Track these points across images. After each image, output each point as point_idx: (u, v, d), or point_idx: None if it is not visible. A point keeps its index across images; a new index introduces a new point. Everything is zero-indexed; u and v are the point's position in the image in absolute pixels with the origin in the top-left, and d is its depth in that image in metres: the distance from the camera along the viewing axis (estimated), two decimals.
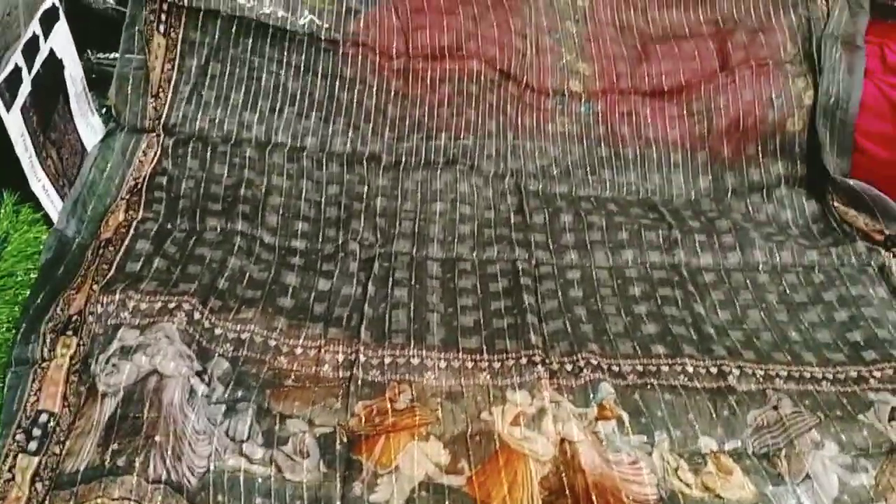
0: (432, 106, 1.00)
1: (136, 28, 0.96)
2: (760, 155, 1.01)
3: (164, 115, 0.95)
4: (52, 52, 0.90)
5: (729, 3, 1.07)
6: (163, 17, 0.95)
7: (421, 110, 1.00)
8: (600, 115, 1.04)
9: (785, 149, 1.01)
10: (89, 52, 1.01)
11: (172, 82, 0.96)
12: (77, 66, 0.96)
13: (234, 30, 0.97)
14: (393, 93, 0.99)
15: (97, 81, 1.01)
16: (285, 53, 0.98)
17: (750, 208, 0.98)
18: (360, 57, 0.99)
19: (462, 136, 1.00)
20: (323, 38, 0.98)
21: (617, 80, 1.05)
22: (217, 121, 0.96)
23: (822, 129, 0.99)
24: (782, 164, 1.01)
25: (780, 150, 1.01)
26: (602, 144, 1.03)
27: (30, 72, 0.84)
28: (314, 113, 0.98)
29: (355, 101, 0.99)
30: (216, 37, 0.97)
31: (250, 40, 0.98)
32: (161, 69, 0.96)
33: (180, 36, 0.96)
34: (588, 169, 1.01)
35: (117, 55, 0.98)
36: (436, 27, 1.03)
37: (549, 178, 1.00)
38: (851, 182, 0.97)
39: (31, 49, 0.85)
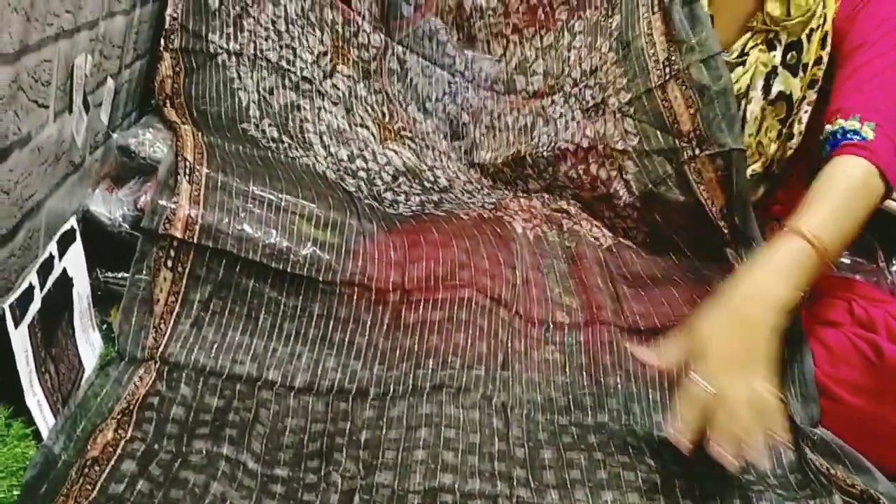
0: (423, 334, 1.05)
1: (145, 263, 1.01)
2: None
3: (162, 346, 0.99)
4: (64, 271, 0.95)
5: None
6: (171, 252, 1.01)
7: (412, 339, 1.05)
8: (583, 344, 1.09)
9: None
10: (98, 270, 1.06)
11: (174, 314, 1.01)
12: (85, 285, 1.01)
13: (237, 269, 1.03)
14: (385, 326, 1.04)
15: (101, 298, 1.06)
16: (283, 295, 1.05)
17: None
18: (355, 297, 1.05)
19: (450, 361, 1.03)
20: (322, 276, 1.05)
21: (598, 311, 1.12)
22: (213, 355, 1.00)
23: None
24: None
25: None
26: (584, 373, 1.07)
27: (42, 290, 0.89)
28: (306, 353, 1.03)
29: (347, 340, 1.04)
30: (220, 275, 1.03)
31: (252, 281, 1.04)
32: (165, 301, 1.01)
33: (187, 271, 1.02)
34: (571, 398, 1.04)
35: (126, 275, 1.03)
36: (431, 259, 1.09)
37: (533, 404, 1.02)
38: (819, 431, 0.99)
39: (45, 268, 0.90)
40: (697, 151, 1.21)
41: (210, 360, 0.99)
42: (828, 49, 1.16)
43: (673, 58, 1.22)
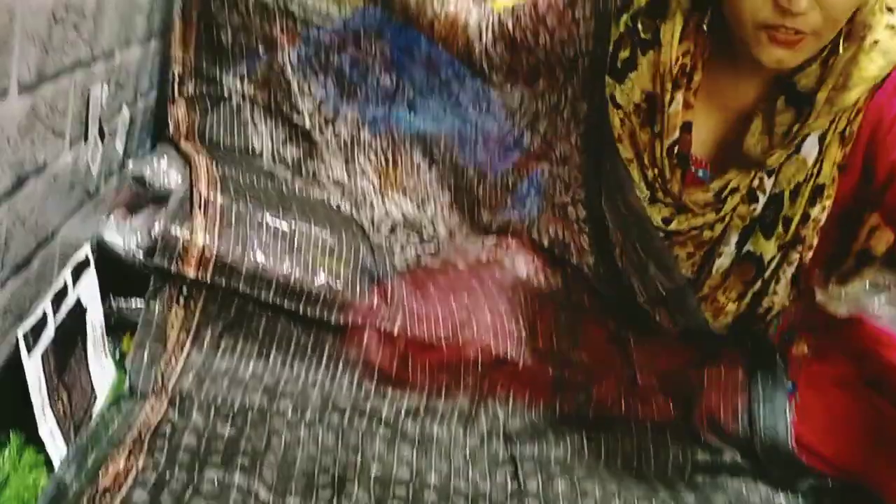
0: (430, 392, 1.05)
1: (158, 299, 1.02)
2: None
3: (174, 378, 0.99)
4: (78, 300, 0.95)
5: None
6: (184, 290, 1.02)
7: (422, 378, 1.05)
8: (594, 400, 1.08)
9: None
10: (112, 297, 1.06)
11: (186, 350, 1.01)
12: (99, 313, 1.01)
13: (249, 308, 1.03)
14: (392, 381, 1.04)
15: (114, 326, 1.06)
16: (294, 334, 1.05)
17: (744, 486, 0.98)
18: (364, 338, 1.04)
19: (461, 396, 1.03)
20: (335, 311, 1.04)
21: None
22: (225, 386, 1.00)
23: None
24: None
25: None
26: (594, 410, 1.06)
27: (55, 318, 0.89)
28: (317, 386, 1.04)
29: (355, 383, 1.03)
30: (232, 312, 1.03)
31: (263, 321, 1.04)
32: (177, 338, 1.01)
33: (199, 308, 1.02)
34: (584, 433, 1.03)
35: (138, 303, 1.04)
36: (431, 318, 1.09)
37: (544, 440, 1.01)
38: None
39: (59, 297, 0.91)
40: None
41: (222, 391, 0.99)
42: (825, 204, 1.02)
43: None
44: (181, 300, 1.02)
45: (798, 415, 1.02)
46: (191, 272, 1.00)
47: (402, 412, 1.02)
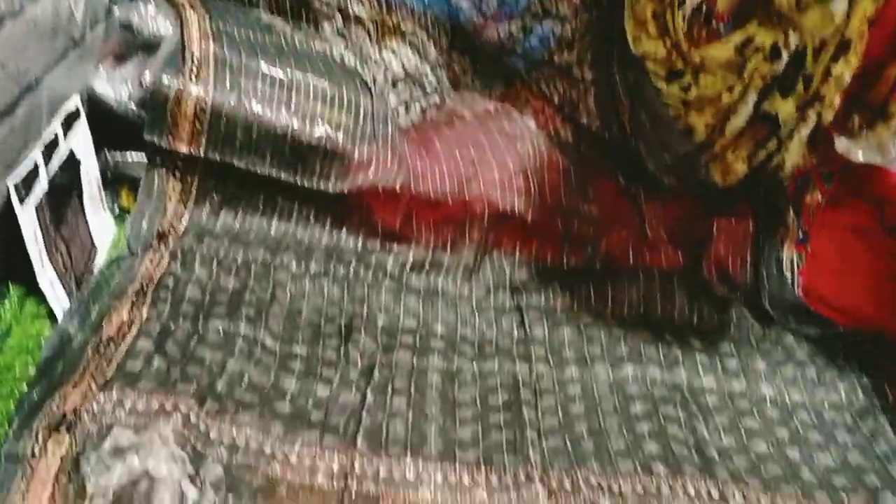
0: (436, 246, 1.03)
1: (155, 173, 0.98)
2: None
3: (176, 235, 0.96)
4: (71, 152, 0.93)
5: None
6: (179, 164, 0.98)
7: (426, 234, 1.02)
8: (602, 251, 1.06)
9: None
10: (107, 151, 1.03)
11: (186, 215, 0.99)
12: (94, 166, 0.98)
13: (248, 184, 1.00)
14: (396, 235, 1.02)
15: (111, 180, 1.03)
16: (295, 202, 1.02)
17: (750, 333, 0.98)
18: (367, 196, 1.01)
19: (466, 248, 1.02)
20: (335, 164, 1.00)
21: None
22: (228, 240, 0.98)
23: None
24: None
25: None
26: (602, 261, 1.04)
27: (47, 170, 0.86)
28: (324, 237, 1.01)
29: (360, 240, 1.01)
30: (229, 188, 1.00)
31: (262, 194, 1.01)
32: (175, 210, 0.98)
33: (196, 183, 0.99)
34: (590, 283, 1.02)
35: (133, 155, 1.01)
36: (437, 175, 1.05)
37: (550, 290, 1.00)
38: None
39: (50, 148, 0.88)
40: None
41: (224, 246, 0.98)
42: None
43: None
44: (177, 173, 0.99)
45: (809, 263, 1.00)
46: (183, 147, 0.96)
47: (408, 266, 1.01)
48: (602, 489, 0.74)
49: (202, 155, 0.97)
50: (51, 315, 0.83)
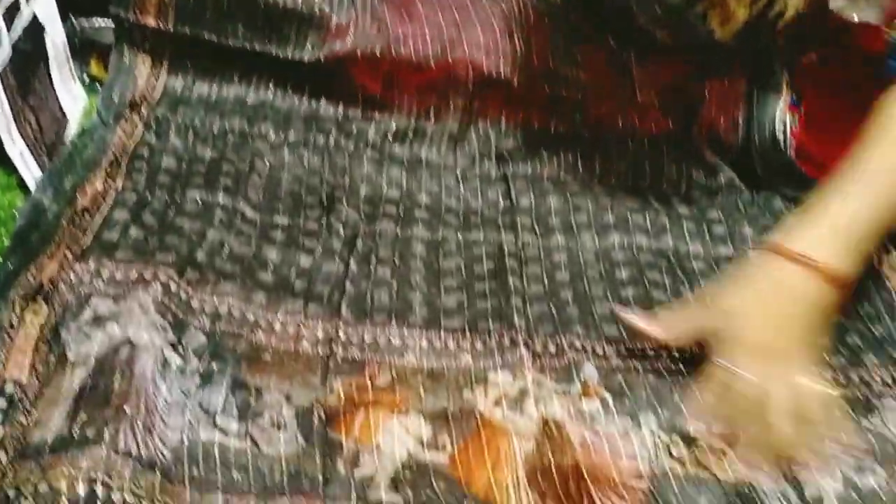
0: (419, 114, 0.99)
1: (125, 45, 0.94)
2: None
3: (150, 104, 0.93)
4: (34, 17, 0.88)
5: None
6: (149, 36, 0.94)
7: (409, 100, 0.99)
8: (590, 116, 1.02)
9: None
10: (73, 17, 0.99)
11: (158, 90, 0.95)
12: (60, 33, 0.94)
13: (222, 55, 0.95)
14: (377, 103, 0.98)
15: (80, 48, 0.99)
16: (272, 73, 0.97)
17: (739, 201, 0.96)
18: (343, 69, 0.97)
19: (450, 116, 0.98)
20: (311, 28, 0.95)
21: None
22: (203, 109, 0.95)
23: None
24: None
25: None
26: (590, 128, 1.01)
27: (10, 35, 0.82)
28: (303, 106, 0.97)
29: (340, 114, 0.97)
30: (203, 59, 0.96)
31: (238, 65, 0.96)
32: (147, 81, 0.95)
33: (167, 55, 0.95)
34: (578, 151, 1.00)
35: (101, 21, 0.96)
36: (418, 38, 1.00)
37: (537, 159, 0.98)
38: None
39: (11, 12, 0.83)
40: None
41: (199, 115, 0.95)
42: None
43: None
44: (146, 46, 0.95)
45: (802, 124, 0.98)
46: (150, 21, 0.92)
47: (390, 135, 0.98)
48: (586, 352, 0.74)
49: (171, 29, 0.93)
50: (22, 186, 0.81)
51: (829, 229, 0.72)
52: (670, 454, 0.66)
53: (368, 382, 0.69)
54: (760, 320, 0.70)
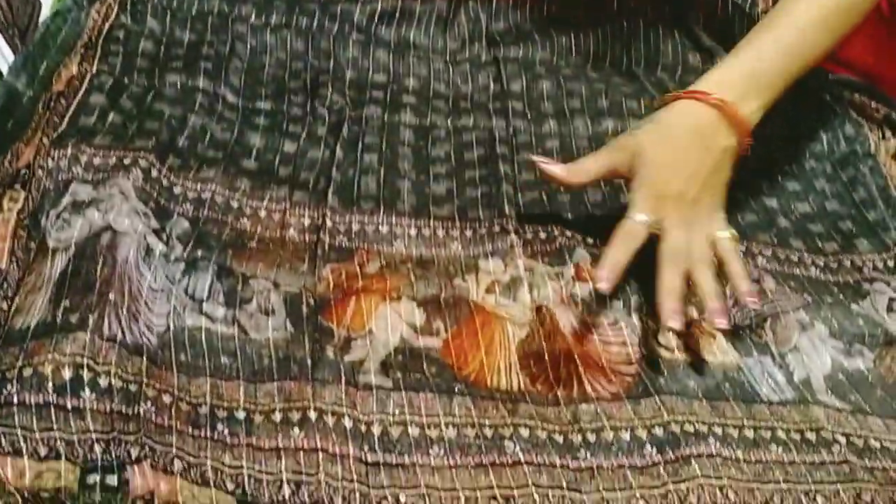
0: None
1: None
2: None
3: None
4: None
5: None
6: None
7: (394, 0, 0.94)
8: None
9: None
10: None
11: None
12: None
13: None
14: None
15: None
16: None
17: None
18: None
19: (437, 3, 0.94)
20: None
21: None
22: (178, 3, 0.90)
23: None
24: None
25: None
26: (584, 9, 0.98)
27: None
28: (275, 5, 0.92)
29: None
30: None
31: None
32: None
33: None
34: (571, 34, 0.96)
35: None
36: None
37: (529, 42, 0.95)
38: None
39: None
40: None
41: (175, 3, 0.90)
42: None
43: None
44: None
45: None
46: None
47: (376, 16, 0.94)
48: (577, 239, 0.73)
49: None
50: None
51: (739, 74, 0.72)
52: (658, 341, 0.66)
53: (358, 270, 0.68)
54: (672, 166, 0.68)
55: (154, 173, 0.70)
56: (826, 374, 0.66)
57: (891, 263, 0.76)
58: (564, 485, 0.54)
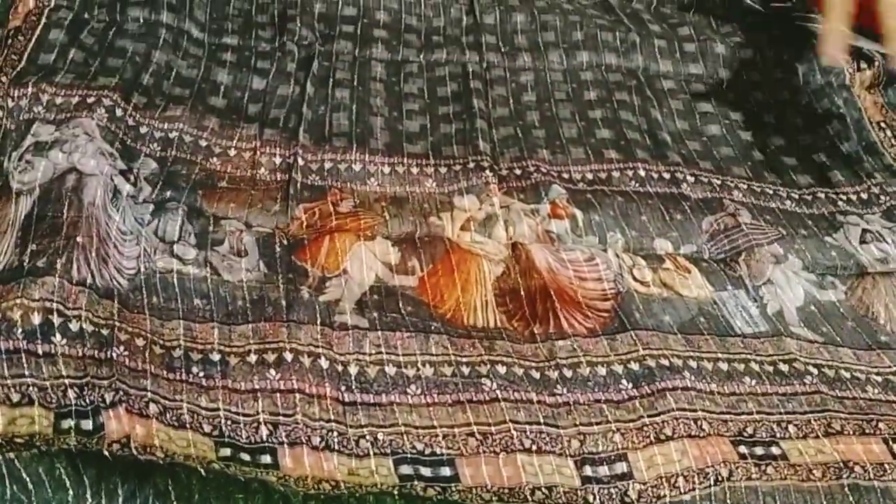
0: None
1: None
2: None
3: None
4: None
5: None
6: None
7: None
8: None
9: None
10: None
11: None
12: None
13: None
14: None
15: None
16: None
17: (712, 17, 0.92)
18: None
19: None
20: None
21: None
22: None
23: None
24: None
25: None
26: None
27: None
28: None
29: None
30: None
31: None
32: None
33: None
34: None
35: None
36: None
37: None
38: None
39: None
40: None
41: None
42: None
43: None
44: None
45: None
46: None
47: None
48: (553, 175, 0.72)
49: None
50: None
51: None
52: (634, 276, 0.66)
53: (331, 209, 0.67)
54: None
55: (119, 112, 0.68)
56: (799, 306, 0.66)
57: (864, 196, 0.76)
58: (541, 420, 0.55)
